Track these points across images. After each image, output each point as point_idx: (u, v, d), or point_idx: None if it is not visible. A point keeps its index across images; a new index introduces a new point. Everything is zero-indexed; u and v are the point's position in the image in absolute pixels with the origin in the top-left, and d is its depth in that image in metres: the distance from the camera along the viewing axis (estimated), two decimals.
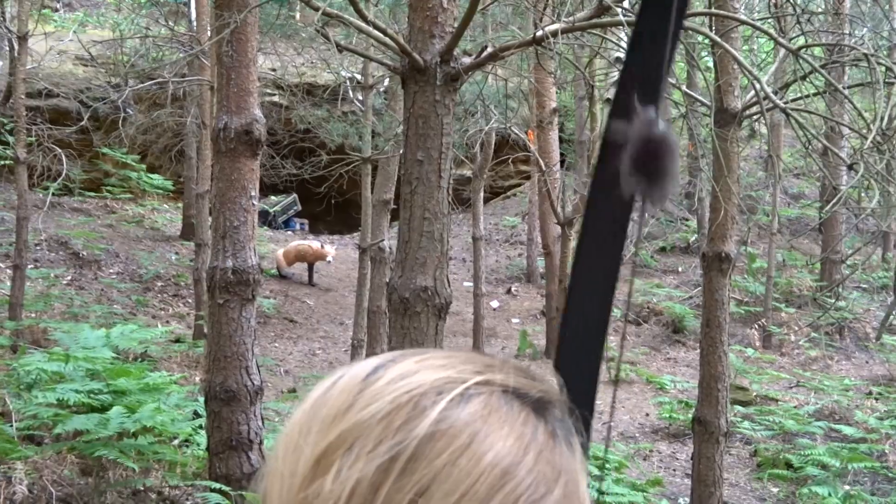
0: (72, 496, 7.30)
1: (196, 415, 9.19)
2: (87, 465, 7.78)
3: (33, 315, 14.11)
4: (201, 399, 8.48)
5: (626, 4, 5.62)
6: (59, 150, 15.72)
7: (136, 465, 7.52)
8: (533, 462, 0.80)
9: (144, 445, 7.52)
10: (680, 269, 23.56)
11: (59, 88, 19.75)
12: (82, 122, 15.39)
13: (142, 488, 7.81)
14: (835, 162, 12.03)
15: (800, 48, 6.31)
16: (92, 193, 21.79)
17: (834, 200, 6.85)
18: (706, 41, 7.77)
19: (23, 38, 13.29)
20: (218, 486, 7.19)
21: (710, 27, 7.45)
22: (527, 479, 0.79)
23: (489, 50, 5.47)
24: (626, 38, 8.05)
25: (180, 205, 22.08)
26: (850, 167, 5.84)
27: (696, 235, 23.46)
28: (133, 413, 7.60)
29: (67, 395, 7.50)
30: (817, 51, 8.68)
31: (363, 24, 5.53)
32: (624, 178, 1.01)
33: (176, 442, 8.75)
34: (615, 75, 9.41)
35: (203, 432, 8.08)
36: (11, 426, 7.81)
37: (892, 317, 18.92)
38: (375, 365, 0.85)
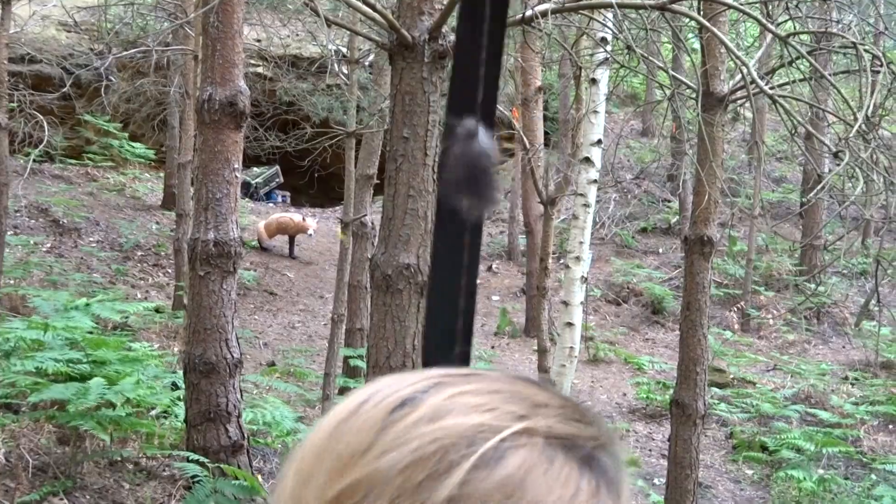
0: (48, 465, 7.29)
1: (174, 386, 9.18)
2: (65, 434, 7.77)
3: (12, 282, 14.05)
4: (180, 371, 8.48)
5: None
6: (41, 117, 15.59)
7: (114, 436, 7.51)
8: None
9: (122, 416, 7.50)
10: (660, 251, 23.60)
11: (41, 54, 19.53)
12: (65, 89, 15.25)
13: (119, 459, 7.80)
14: (819, 149, 12.06)
15: (788, 35, 6.31)
16: (73, 161, 21.70)
17: (818, 188, 6.85)
18: (693, 23, 7.76)
19: (6, 3, 13.16)
20: (195, 457, 7.19)
21: (698, 10, 7.44)
22: None
23: None
24: (612, 19, 8.05)
25: (162, 174, 22.01)
26: (835, 155, 5.84)
27: (677, 217, 23.50)
28: (112, 384, 7.58)
29: (46, 363, 7.47)
30: (804, 36, 8.68)
31: None
32: (446, 193, 0.95)
33: (154, 413, 8.74)
34: (601, 55, 9.37)
35: (181, 404, 8.08)
36: None
37: (870, 303, 19.00)
38: (404, 397, 0.75)
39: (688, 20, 7.84)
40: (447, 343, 0.96)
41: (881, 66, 6.31)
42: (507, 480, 0.69)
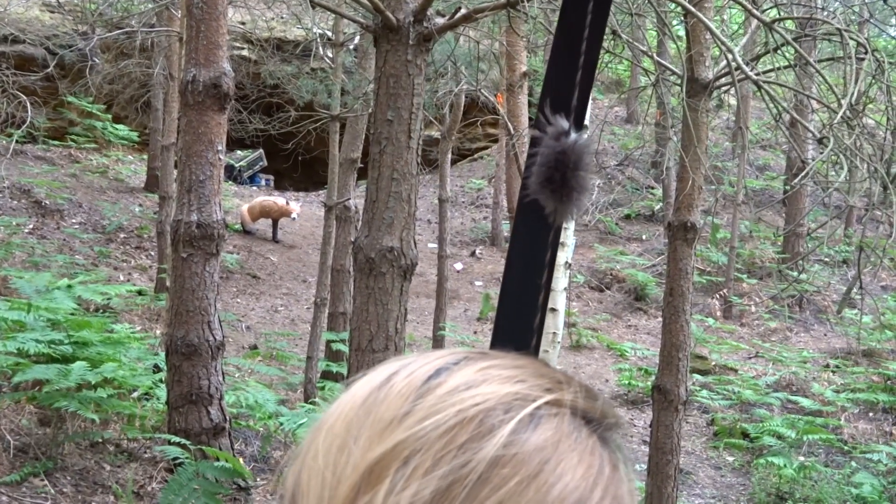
0: (29, 446, 7.27)
1: (157, 368, 9.16)
2: (46, 415, 7.75)
3: None
4: (162, 353, 8.46)
5: None
6: (24, 97, 15.52)
7: (95, 417, 7.49)
8: (599, 498, 0.74)
9: (104, 398, 7.48)
10: (644, 237, 23.64)
11: (25, 34, 19.44)
12: (48, 70, 15.21)
13: (100, 440, 7.79)
14: (803, 135, 12.08)
15: (773, 21, 6.31)
16: (56, 142, 21.60)
17: (802, 174, 6.86)
18: (678, 9, 7.75)
19: None
20: (177, 439, 7.18)
21: None
22: None
23: (463, 11, 5.45)
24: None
25: (145, 156, 21.90)
26: (819, 141, 5.86)
27: (661, 204, 23.53)
28: (94, 366, 7.56)
29: (28, 344, 7.44)
30: (789, 23, 8.69)
31: None
32: (533, 191, 0.97)
33: (135, 395, 8.72)
34: None
35: (163, 386, 8.06)
36: None
37: (852, 291, 19.08)
38: (437, 367, 0.78)
39: (673, 5, 7.84)
40: (525, 336, 1.02)
41: (866, 53, 6.31)
42: (544, 445, 0.73)
